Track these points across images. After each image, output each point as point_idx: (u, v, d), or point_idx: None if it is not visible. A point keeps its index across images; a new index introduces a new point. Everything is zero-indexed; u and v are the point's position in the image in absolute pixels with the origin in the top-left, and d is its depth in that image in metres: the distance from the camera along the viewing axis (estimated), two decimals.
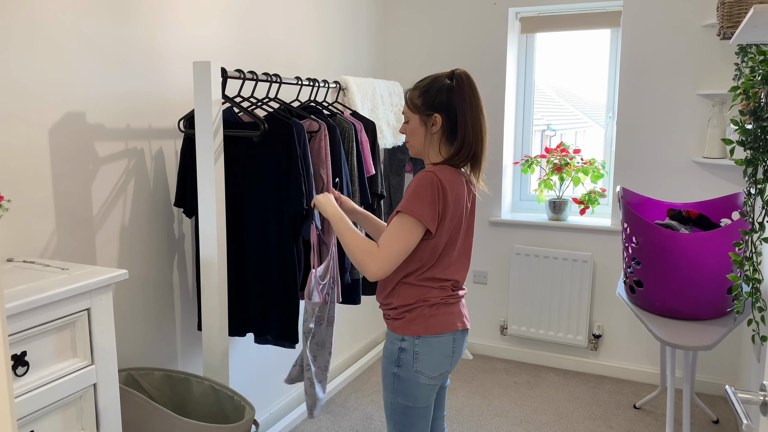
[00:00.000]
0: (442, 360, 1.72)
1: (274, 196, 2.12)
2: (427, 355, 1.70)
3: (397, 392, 1.73)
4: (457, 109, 1.68)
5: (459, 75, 1.70)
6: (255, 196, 2.15)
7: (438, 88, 1.69)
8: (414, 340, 1.69)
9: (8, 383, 0.67)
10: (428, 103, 1.70)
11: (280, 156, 2.10)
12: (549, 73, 3.68)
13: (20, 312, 1.33)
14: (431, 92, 1.70)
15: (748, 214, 1.80)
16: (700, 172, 3.14)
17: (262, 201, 2.14)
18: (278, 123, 2.10)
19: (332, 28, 3.17)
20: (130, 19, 2.03)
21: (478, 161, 1.73)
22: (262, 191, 2.14)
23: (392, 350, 1.72)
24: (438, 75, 1.73)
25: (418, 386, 1.71)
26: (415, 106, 1.72)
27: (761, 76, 1.65)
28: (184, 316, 2.34)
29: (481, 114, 1.71)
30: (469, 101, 1.68)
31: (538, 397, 3.22)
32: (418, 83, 1.75)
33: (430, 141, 1.73)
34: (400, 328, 1.71)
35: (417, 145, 1.75)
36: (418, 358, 1.69)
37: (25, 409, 1.37)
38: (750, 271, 1.77)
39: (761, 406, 1.05)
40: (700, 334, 2.29)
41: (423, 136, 1.73)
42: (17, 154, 1.71)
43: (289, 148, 2.09)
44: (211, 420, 2.01)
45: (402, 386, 1.72)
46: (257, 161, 2.13)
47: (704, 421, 2.98)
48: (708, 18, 3.02)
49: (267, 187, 2.13)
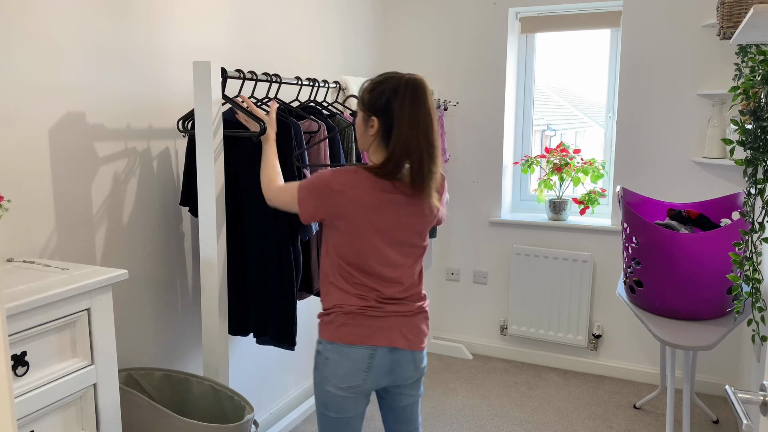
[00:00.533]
0: (352, 372, 1.64)
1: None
2: (336, 363, 1.64)
3: (316, 397, 1.71)
4: (394, 118, 1.58)
5: (406, 82, 1.58)
6: (253, 197, 2.15)
7: (382, 90, 1.59)
8: (327, 344, 1.66)
9: (8, 383, 0.67)
10: (370, 104, 1.62)
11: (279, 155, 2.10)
12: (549, 73, 3.68)
13: (20, 312, 1.33)
14: (375, 92, 1.61)
15: (748, 214, 1.80)
16: (700, 172, 3.14)
17: (260, 201, 2.14)
18: (277, 123, 2.10)
19: (332, 28, 3.17)
20: (131, 19, 2.03)
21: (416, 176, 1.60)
22: (260, 192, 2.14)
23: (316, 350, 1.72)
24: (393, 75, 1.62)
25: (326, 393, 1.66)
26: (360, 101, 1.65)
27: (761, 76, 1.65)
28: (184, 316, 2.34)
29: (419, 128, 1.57)
30: (408, 113, 1.56)
31: (538, 397, 3.22)
32: (374, 78, 1.65)
33: (370, 141, 1.66)
34: (320, 329, 1.71)
35: (359, 139, 1.69)
36: (327, 364, 1.65)
37: (25, 409, 1.37)
38: (750, 271, 1.78)
39: (761, 406, 1.05)
40: (700, 334, 2.29)
41: (362, 134, 1.67)
42: (17, 154, 1.71)
43: (285, 149, 2.09)
44: (211, 420, 2.01)
45: (316, 390, 1.70)
46: (256, 162, 2.13)
47: (704, 421, 2.98)
48: (708, 18, 3.02)
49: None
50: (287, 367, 3.01)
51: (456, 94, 3.63)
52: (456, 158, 3.68)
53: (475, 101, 3.59)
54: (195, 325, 2.40)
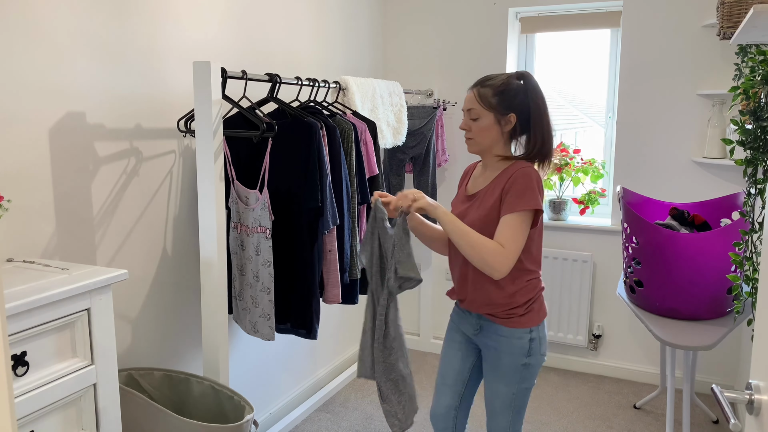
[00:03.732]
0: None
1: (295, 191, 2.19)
2: (544, 337, 1.86)
3: (524, 380, 1.84)
4: (530, 109, 1.79)
5: (529, 77, 1.81)
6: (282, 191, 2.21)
7: (514, 89, 1.79)
8: (537, 328, 1.83)
9: (8, 383, 0.68)
10: (505, 103, 1.78)
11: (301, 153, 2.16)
12: (549, 73, 3.68)
13: (20, 312, 1.33)
14: (508, 93, 1.78)
15: (748, 214, 1.80)
16: (700, 172, 3.14)
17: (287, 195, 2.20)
18: (300, 123, 2.17)
19: (332, 28, 3.17)
20: (131, 19, 2.03)
21: (548, 156, 1.84)
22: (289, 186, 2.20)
23: (521, 344, 1.81)
24: (506, 75, 1.82)
25: (538, 368, 1.86)
26: (490, 105, 1.78)
27: (761, 76, 1.65)
28: (184, 316, 2.34)
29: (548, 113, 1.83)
30: (542, 102, 1.80)
31: (538, 397, 3.22)
32: (487, 82, 1.81)
33: (500, 138, 1.82)
34: (529, 321, 1.82)
35: (485, 141, 1.81)
36: (542, 342, 1.84)
37: (25, 409, 1.37)
38: (750, 271, 1.78)
39: (747, 404, 1.05)
40: (700, 334, 2.29)
41: (495, 134, 1.81)
42: (17, 154, 1.71)
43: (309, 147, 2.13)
44: (211, 420, 2.01)
45: (531, 372, 1.84)
46: (285, 157, 2.19)
47: (704, 421, 2.98)
48: (708, 18, 3.02)
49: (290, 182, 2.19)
50: (287, 367, 3.01)
51: (456, 94, 3.63)
52: (456, 158, 3.68)
53: None
54: (195, 325, 2.40)
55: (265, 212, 2.13)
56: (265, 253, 2.14)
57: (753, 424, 1.07)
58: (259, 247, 2.16)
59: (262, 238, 2.14)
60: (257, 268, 2.17)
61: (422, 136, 3.42)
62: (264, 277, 2.16)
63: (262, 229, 2.14)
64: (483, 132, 1.80)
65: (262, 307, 2.18)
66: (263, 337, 2.20)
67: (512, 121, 1.78)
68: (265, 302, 2.18)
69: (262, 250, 2.15)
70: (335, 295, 2.33)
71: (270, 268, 2.15)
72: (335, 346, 3.45)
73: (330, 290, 2.33)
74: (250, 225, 2.18)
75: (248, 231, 2.19)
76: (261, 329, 2.20)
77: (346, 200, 2.35)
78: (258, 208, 2.14)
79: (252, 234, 2.17)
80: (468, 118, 1.81)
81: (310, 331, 2.24)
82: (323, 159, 2.17)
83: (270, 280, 2.15)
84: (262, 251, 2.15)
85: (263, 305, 2.18)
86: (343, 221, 2.33)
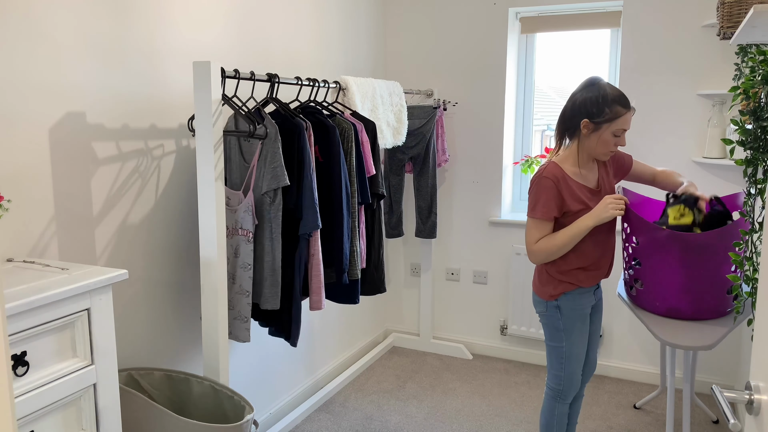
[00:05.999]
0: None
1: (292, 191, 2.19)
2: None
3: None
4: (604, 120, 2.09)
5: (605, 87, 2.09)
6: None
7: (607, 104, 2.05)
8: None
9: (8, 383, 0.68)
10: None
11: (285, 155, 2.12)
12: (549, 73, 3.68)
13: (20, 312, 1.33)
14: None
15: (748, 214, 1.80)
16: (700, 172, 3.14)
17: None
18: (287, 123, 2.16)
19: (332, 28, 3.17)
20: (131, 20, 2.03)
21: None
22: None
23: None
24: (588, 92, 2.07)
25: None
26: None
27: (761, 76, 1.65)
28: (184, 316, 2.34)
29: None
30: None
31: (538, 397, 3.22)
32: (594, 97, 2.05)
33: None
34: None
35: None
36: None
37: (25, 409, 1.37)
38: (750, 271, 1.78)
39: (747, 404, 1.05)
40: (700, 334, 2.28)
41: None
42: (17, 154, 1.71)
43: (290, 148, 2.10)
44: (211, 420, 2.01)
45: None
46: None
47: (704, 421, 2.98)
48: (708, 18, 3.02)
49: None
50: (287, 367, 3.01)
51: (456, 94, 3.63)
52: (456, 158, 3.68)
53: (475, 101, 3.59)
54: (195, 325, 2.40)
55: (248, 215, 2.10)
56: (245, 257, 2.12)
57: (753, 424, 1.07)
58: (237, 249, 2.13)
59: (242, 240, 2.12)
60: (234, 270, 2.15)
61: (422, 136, 3.42)
62: (243, 280, 2.13)
63: (243, 232, 2.12)
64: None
65: (239, 309, 2.16)
66: (237, 339, 2.18)
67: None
68: (243, 305, 2.15)
69: (241, 253, 2.12)
70: (317, 302, 2.28)
71: (250, 271, 2.12)
72: (335, 346, 3.45)
73: (312, 296, 2.28)
74: (230, 227, 2.16)
75: (228, 232, 2.16)
76: (235, 331, 2.18)
77: (346, 200, 2.34)
78: (241, 210, 2.12)
79: (232, 236, 2.15)
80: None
81: (289, 337, 2.22)
82: (304, 161, 2.14)
83: (249, 283, 2.13)
84: (241, 254, 2.12)
85: (240, 307, 2.16)
86: (342, 221, 2.33)
